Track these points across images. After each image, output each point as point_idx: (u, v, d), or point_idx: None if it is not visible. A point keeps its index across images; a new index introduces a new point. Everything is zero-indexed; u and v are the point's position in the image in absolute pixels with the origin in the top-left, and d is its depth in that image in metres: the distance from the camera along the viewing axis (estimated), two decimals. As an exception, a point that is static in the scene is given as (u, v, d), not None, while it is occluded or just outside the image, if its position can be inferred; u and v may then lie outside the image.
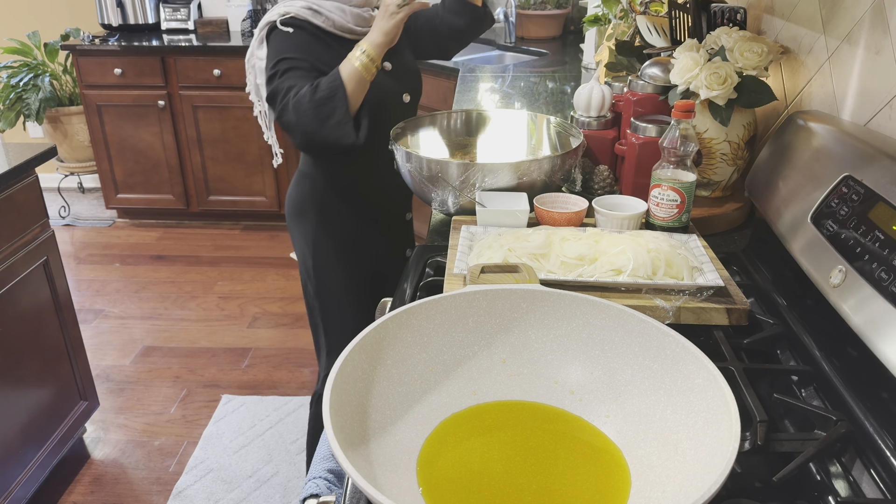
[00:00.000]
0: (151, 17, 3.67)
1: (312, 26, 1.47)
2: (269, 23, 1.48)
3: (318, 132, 1.40)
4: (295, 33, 1.46)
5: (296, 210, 1.67)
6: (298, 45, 1.45)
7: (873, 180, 0.90)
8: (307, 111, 1.37)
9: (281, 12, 1.48)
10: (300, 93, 1.38)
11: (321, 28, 1.48)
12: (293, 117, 1.39)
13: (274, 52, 1.45)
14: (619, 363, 0.78)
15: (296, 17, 1.46)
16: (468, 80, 2.71)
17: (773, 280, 1.11)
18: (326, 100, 1.37)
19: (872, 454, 0.76)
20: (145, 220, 3.89)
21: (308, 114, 1.37)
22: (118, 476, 2.17)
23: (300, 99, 1.37)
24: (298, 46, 1.45)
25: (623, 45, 1.83)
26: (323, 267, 1.67)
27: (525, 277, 0.89)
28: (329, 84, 1.38)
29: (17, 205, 1.86)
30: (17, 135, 4.05)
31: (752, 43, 1.25)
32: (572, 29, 3.51)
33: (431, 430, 0.75)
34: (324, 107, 1.37)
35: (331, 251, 1.65)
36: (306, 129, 1.40)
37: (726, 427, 0.63)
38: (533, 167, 1.26)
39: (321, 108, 1.37)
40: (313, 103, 1.37)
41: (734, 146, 1.31)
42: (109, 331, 2.92)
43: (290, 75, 1.42)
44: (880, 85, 1.03)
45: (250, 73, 1.57)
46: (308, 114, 1.37)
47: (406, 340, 0.79)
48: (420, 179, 1.30)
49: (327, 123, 1.38)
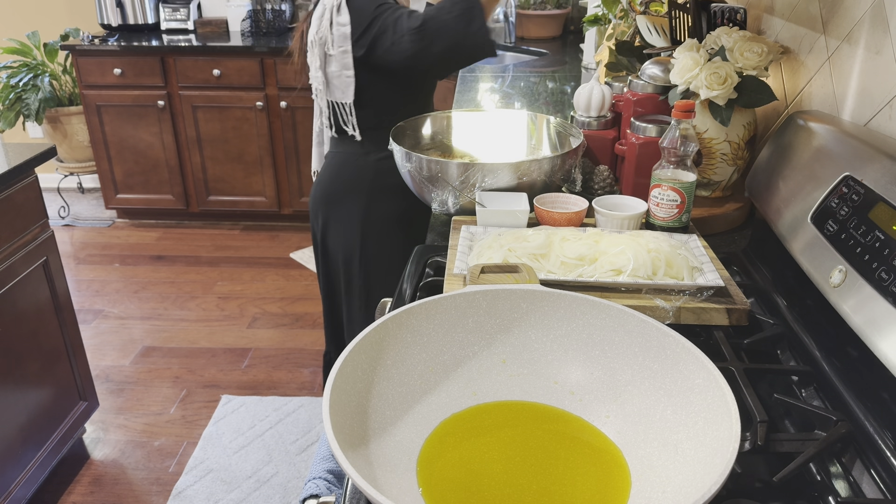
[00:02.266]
0: (151, 17, 3.67)
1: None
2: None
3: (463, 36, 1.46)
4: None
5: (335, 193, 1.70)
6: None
7: (873, 180, 0.90)
8: (449, 19, 1.43)
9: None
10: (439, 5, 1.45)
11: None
12: (435, 25, 1.44)
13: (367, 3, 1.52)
14: (620, 363, 0.78)
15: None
16: (468, 80, 2.71)
17: (774, 280, 1.11)
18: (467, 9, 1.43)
19: (873, 454, 0.76)
20: (145, 220, 3.89)
21: (451, 21, 1.44)
22: (118, 476, 2.17)
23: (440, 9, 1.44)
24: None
25: (623, 45, 1.83)
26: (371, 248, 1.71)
27: (525, 277, 0.89)
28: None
29: (17, 205, 1.86)
30: (16, 135, 4.05)
31: (752, 43, 1.25)
32: (572, 29, 3.51)
33: (431, 431, 0.75)
34: (465, 14, 1.43)
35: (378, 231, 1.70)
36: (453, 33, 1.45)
37: (726, 427, 0.63)
38: (533, 167, 1.26)
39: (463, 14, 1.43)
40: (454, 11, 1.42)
41: (734, 146, 1.31)
42: (109, 331, 2.92)
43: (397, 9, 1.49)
44: (880, 85, 1.03)
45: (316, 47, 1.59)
46: (451, 21, 1.44)
47: (406, 341, 0.79)
48: (420, 179, 1.30)
49: (470, 28, 1.45)
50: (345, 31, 1.54)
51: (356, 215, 1.70)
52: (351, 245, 1.73)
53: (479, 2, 1.44)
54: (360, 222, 1.70)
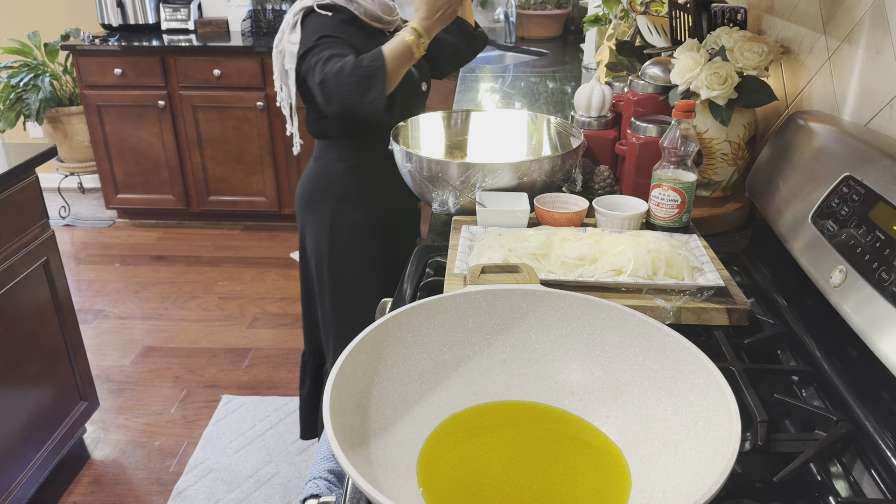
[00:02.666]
0: (151, 17, 3.67)
1: (348, 12, 1.55)
2: (304, 8, 1.55)
3: (355, 105, 1.44)
4: (333, 16, 1.53)
5: (311, 196, 1.71)
6: (337, 26, 1.52)
7: (874, 180, 0.90)
8: (346, 84, 1.41)
9: None
10: (343, 62, 1.42)
11: (356, 15, 1.56)
12: (332, 86, 1.43)
13: (313, 30, 1.51)
14: (620, 363, 0.78)
15: (334, 3, 1.54)
16: (468, 80, 2.71)
17: (774, 280, 1.11)
18: (367, 76, 1.41)
19: (873, 454, 0.76)
20: (145, 220, 3.89)
21: (346, 87, 1.41)
22: (118, 476, 2.17)
23: (342, 70, 1.41)
24: (337, 28, 1.52)
25: (623, 45, 1.83)
26: (340, 251, 1.71)
27: (525, 278, 0.89)
28: (371, 60, 1.42)
29: (17, 205, 1.86)
30: (17, 135, 4.05)
31: (752, 43, 1.25)
32: (572, 29, 3.51)
33: (432, 431, 0.75)
34: (363, 83, 1.41)
35: (349, 234, 1.70)
36: (344, 99, 1.43)
37: (727, 427, 0.63)
38: (533, 167, 1.26)
39: (361, 83, 1.41)
40: (354, 76, 1.40)
41: (734, 146, 1.31)
42: (109, 331, 2.92)
43: (330, 48, 1.47)
44: (881, 85, 1.03)
45: (278, 58, 1.61)
46: (346, 87, 1.41)
47: (406, 341, 0.79)
48: (420, 179, 1.30)
49: (364, 99, 1.42)
50: (293, 50, 1.56)
51: (326, 220, 1.71)
52: (322, 249, 1.74)
53: (382, 67, 1.41)
54: (328, 227, 1.71)
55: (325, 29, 1.51)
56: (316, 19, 1.54)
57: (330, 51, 1.47)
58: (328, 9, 1.54)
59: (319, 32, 1.51)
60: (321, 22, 1.53)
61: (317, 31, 1.52)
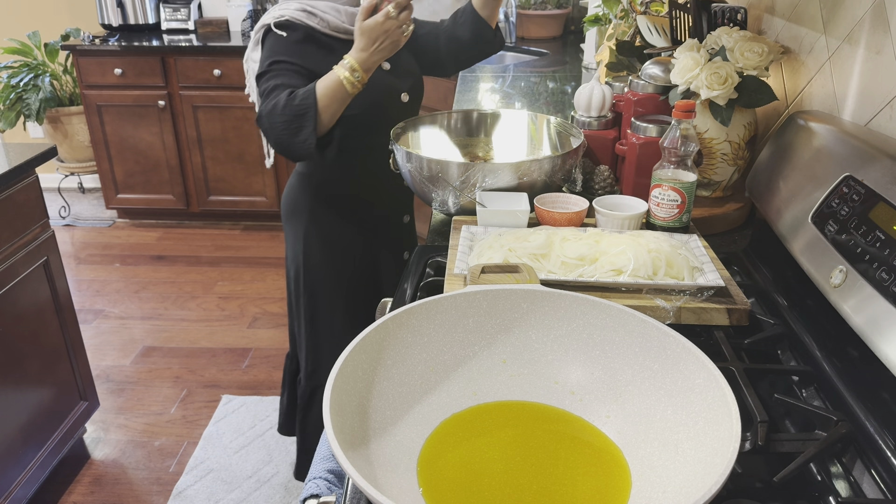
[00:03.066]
0: (151, 17, 3.67)
1: (307, 29, 1.46)
2: (265, 25, 1.48)
3: (286, 145, 1.39)
4: (288, 36, 1.45)
5: (290, 208, 1.67)
6: (290, 48, 1.45)
7: (874, 180, 0.90)
8: (278, 123, 1.35)
9: (276, 15, 1.47)
10: (277, 101, 1.36)
11: (316, 30, 1.47)
12: (266, 124, 1.38)
13: (267, 53, 1.45)
14: (620, 363, 0.78)
15: (291, 21, 1.45)
16: (468, 80, 2.71)
17: (774, 280, 1.11)
18: (297, 116, 1.34)
19: (873, 454, 0.76)
20: (145, 220, 3.89)
21: (279, 126, 1.35)
22: (118, 476, 2.17)
23: (275, 107, 1.35)
24: (290, 49, 1.44)
25: (623, 45, 1.83)
26: (314, 266, 1.66)
27: (525, 277, 0.89)
28: (303, 99, 1.35)
29: (18, 205, 1.86)
30: (17, 135, 4.05)
31: (752, 43, 1.25)
32: (572, 29, 3.51)
33: (432, 431, 0.75)
34: (293, 122, 1.35)
35: (322, 250, 1.65)
36: (276, 139, 1.38)
37: (727, 427, 0.63)
38: (533, 167, 1.26)
39: (291, 122, 1.35)
40: (285, 115, 1.34)
41: (735, 146, 1.31)
42: (109, 331, 2.92)
43: (277, 77, 1.41)
44: (881, 85, 1.03)
45: (248, 75, 1.58)
46: (279, 126, 1.35)
47: (406, 340, 0.79)
48: (420, 179, 1.30)
49: (296, 139, 1.36)
50: (254, 68, 1.51)
51: (300, 236, 1.65)
52: (297, 263, 1.68)
53: (313, 106, 1.34)
54: (303, 242, 1.65)
55: (276, 52, 1.44)
56: (271, 40, 1.46)
57: (274, 81, 1.41)
58: (285, 27, 1.46)
59: (271, 57, 1.44)
60: (275, 44, 1.46)
61: (269, 54, 1.45)
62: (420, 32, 1.65)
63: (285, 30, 1.45)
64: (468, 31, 1.61)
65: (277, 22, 1.45)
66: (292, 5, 1.47)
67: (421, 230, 3.26)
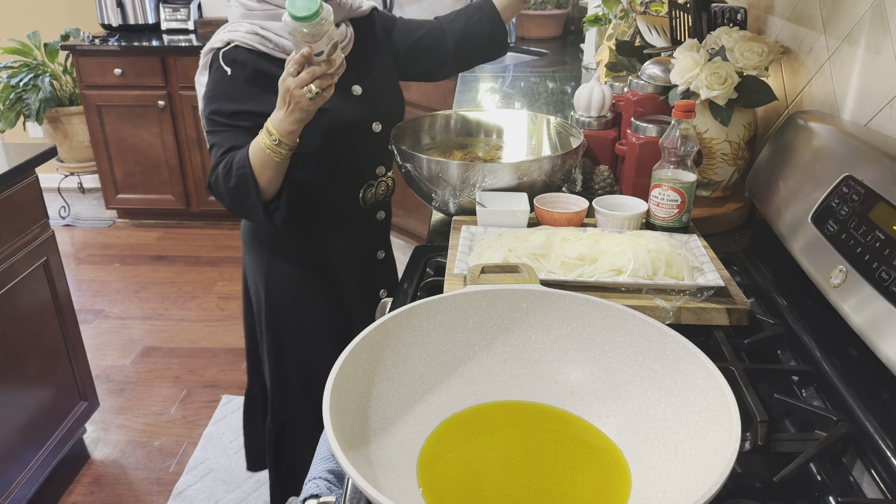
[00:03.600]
0: (151, 17, 3.67)
1: (256, 62, 1.27)
2: (213, 49, 1.31)
3: (238, 213, 1.32)
4: (234, 74, 1.27)
5: (249, 237, 1.50)
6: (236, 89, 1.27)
7: (874, 180, 0.90)
8: (223, 194, 1.27)
9: (225, 39, 1.29)
10: (217, 172, 1.26)
11: (269, 57, 1.28)
12: (214, 193, 1.30)
13: (209, 94, 1.29)
14: (620, 363, 0.78)
15: (240, 46, 1.27)
16: (468, 80, 2.71)
17: (774, 280, 1.11)
18: (237, 186, 1.24)
19: (873, 454, 0.76)
20: (145, 220, 3.89)
21: (225, 197, 1.28)
22: (118, 476, 2.17)
23: (217, 178, 1.26)
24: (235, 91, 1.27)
25: (623, 45, 1.83)
26: (276, 304, 1.50)
27: (525, 278, 0.89)
28: (238, 168, 1.23)
29: (17, 205, 1.86)
30: (17, 135, 4.05)
31: (752, 43, 1.25)
32: (572, 29, 3.51)
33: (432, 431, 0.75)
34: (236, 192, 1.25)
35: (285, 288, 1.48)
36: (229, 207, 1.31)
37: (727, 427, 0.63)
38: (533, 167, 1.26)
39: (235, 192, 1.25)
40: (227, 186, 1.25)
41: (734, 146, 1.31)
42: (109, 331, 2.92)
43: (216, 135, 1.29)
44: (880, 85, 1.03)
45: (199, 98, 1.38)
46: (225, 197, 1.28)
47: (406, 341, 0.79)
48: (420, 179, 1.30)
49: (243, 207, 1.28)
50: (201, 93, 1.34)
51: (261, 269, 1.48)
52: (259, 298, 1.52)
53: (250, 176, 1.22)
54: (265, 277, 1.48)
55: (218, 97, 1.27)
56: (216, 76, 1.29)
57: (214, 139, 1.28)
58: (232, 60, 1.27)
59: (212, 103, 1.28)
60: (218, 83, 1.28)
61: (210, 97, 1.28)
62: (419, 34, 1.48)
63: (233, 64, 1.27)
64: (486, 31, 1.46)
65: (226, 52, 1.27)
66: (243, 27, 1.29)
67: (421, 230, 3.26)
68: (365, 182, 1.44)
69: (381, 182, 1.47)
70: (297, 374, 1.58)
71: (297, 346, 1.54)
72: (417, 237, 3.30)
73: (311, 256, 1.47)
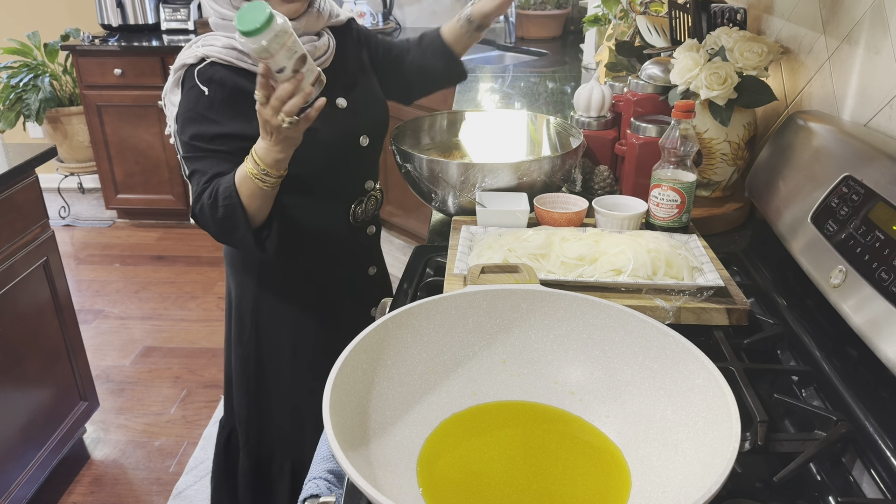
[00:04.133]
0: (151, 17, 3.67)
1: (235, 73, 1.18)
2: (185, 65, 1.20)
3: (228, 242, 1.24)
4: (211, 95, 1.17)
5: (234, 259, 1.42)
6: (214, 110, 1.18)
7: (873, 180, 0.90)
8: (211, 225, 1.19)
9: (198, 55, 1.18)
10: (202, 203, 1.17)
11: (248, 73, 1.18)
12: (201, 224, 1.21)
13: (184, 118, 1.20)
14: (620, 363, 0.78)
15: (216, 63, 1.18)
16: (468, 80, 2.71)
17: (774, 280, 1.11)
18: (226, 217, 1.16)
19: (873, 454, 0.76)
20: (145, 220, 3.89)
21: (212, 228, 1.19)
22: (118, 476, 2.17)
23: (202, 209, 1.18)
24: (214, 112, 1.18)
25: (623, 45, 1.83)
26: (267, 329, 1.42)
27: (525, 278, 0.89)
28: (225, 199, 1.15)
29: (17, 205, 1.86)
30: (17, 135, 4.05)
31: (752, 43, 1.25)
32: (572, 29, 3.51)
33: (431, 431, 0.75)
34: (225, 223, 1.17)
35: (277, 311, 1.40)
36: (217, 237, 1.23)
37: (726, 427, 0.63)
38: (533, 167, 1.26)
39: (223, 224, 1.17)
40: (214, 218, 1.17)
41: (734, 146, 1.31)
42: (109, 331, 2.92)
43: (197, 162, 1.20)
44: (880, 85, 1.03)
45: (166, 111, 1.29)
46: (212, 228, 1.19)
47: (406, 341, 0.79)
48: (420, 179, 1.30)
49: (232, 237, 1.19)
50: (172, 112, 1.23)
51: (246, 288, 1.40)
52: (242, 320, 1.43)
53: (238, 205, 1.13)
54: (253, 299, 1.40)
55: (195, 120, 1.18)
56: (190, 96, 1.19)
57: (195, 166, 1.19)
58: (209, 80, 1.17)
59: (190, 126, 1.18)
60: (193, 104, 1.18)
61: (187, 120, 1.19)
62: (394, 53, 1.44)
63: (209, 83, 1.17)
64: (439, 63, 1.44)
65: (200, 69, 1.18)
66: (218, 41, 1.19)
67: (421, 230, 3.26)
68: (355, 199, 1.36)
69: (371, 196, 1.40)
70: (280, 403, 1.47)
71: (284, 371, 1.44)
72: (417, 237, 3.30)
73: (299, 278, 1.39)
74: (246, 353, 1.45)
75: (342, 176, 1.33)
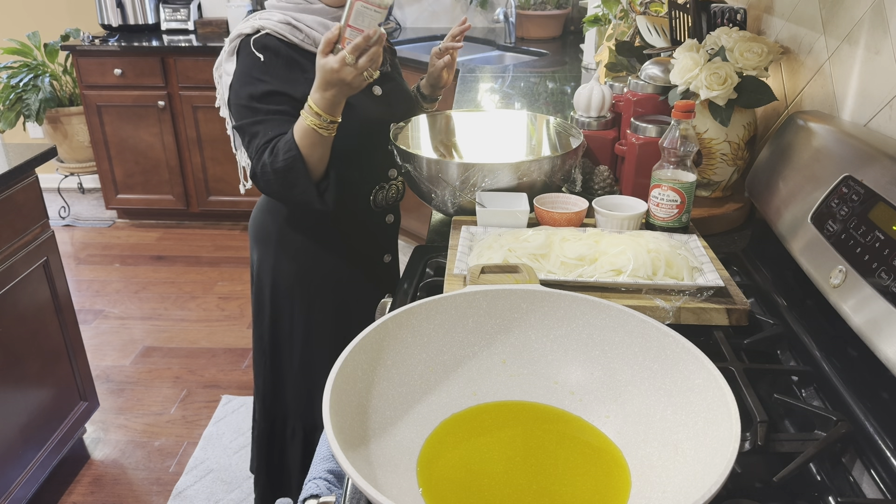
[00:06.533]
0: (151, 17, 3.67)
1: (288, 47, 1.30)
2: (242, 35, 1.31)
3: (287, 201, 1.34)
4: (268, 61, 1.28)
5: (257, 234, 1.52)
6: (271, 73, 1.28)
7: (873, 180, 0.90)
8: (272, 181, 1.27)
9: (255, 26, 1.29)
10: (263, 161, 1.26)
11: (300, 48, 1.31)
12: (261, 183, 1.29)
13: (239, 81, 1.29)
14: (620, 363, 0.78)
15: (271, 34, 1.28)
16: (468, 80, 2.71)
17: (774, 280, 1.11)
18: (286, 171, 1.24)
19: (873, 454, 0.76)
20: (145, 220, 3.89)
21: (273, 184, 1.27)
22: (118, 476, 2.17)
23: (263, 167, 1.26)
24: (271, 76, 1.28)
25: (623, 45, 1.83)
26: (282, 304, 1.52)
27: (525, 278, 0.89)
28: (285, 153, 1.23)
29: (17, 205, 1.86)
30: (17, 135, 4.05)
31: (752, 43, 1.25)
32: (572, 29, 3.51)
33: (431, 431, 0.75)
34: (286, 178, 1.25)
35: (293, 287, 1.50)
36: (276, 195, 1.32)
37: (726, 427, 0.63)
38: (533, 167, 1.26)
39: (284, 179, 1.25)
40: (275, 174, 1.25)
41: (734, 146, 1.31)
42: (109, 331, 2.92)
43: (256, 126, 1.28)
44: (880, 85, 1.03)
45: (219, 84, 1.40)
46: (273, 184, 1.27)
47: (406, 341, 0.79)
48: (420, 179, 1.30)
49: (293, 192, 1.28)
50: (227, 81, 1.33)
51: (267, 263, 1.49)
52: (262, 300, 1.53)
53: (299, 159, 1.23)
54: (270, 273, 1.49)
55: (251, 82, 1.28)
56: (247, 60, 1.29)
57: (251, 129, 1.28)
58: (265, 47, 1.28)
59: (246, 87, 1.27)
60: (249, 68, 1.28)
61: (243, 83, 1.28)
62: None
63: (265, 51, 1.28)
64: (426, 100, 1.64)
65: (257, 38, 1.28)
66: (275, 16, 1.30)
67: (421, 230, 3.26)
68: (377, 184, 1.48)
69: (393, 185, 1.51)
70: (293, 376, 1.59)
71: (297, 347, 1.55)
72: (417, 237, 3.30)
73: (319, 256, 1.49)
74: (263, 326, 1.56)
75: (370, 158, 1.42)
